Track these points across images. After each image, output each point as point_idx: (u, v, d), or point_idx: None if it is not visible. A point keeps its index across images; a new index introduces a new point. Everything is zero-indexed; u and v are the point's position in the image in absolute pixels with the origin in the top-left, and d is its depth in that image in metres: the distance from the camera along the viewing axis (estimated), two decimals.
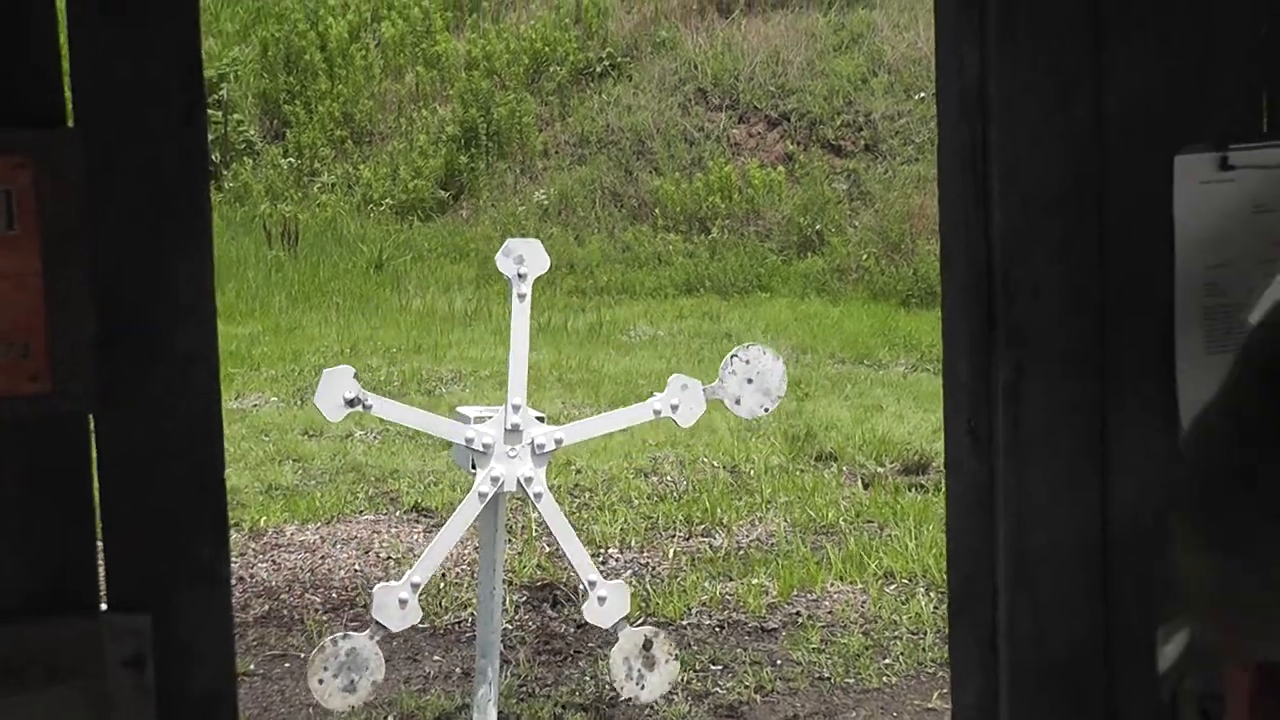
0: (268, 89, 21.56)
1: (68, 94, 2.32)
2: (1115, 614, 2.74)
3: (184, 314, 2.38)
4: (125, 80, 2.32)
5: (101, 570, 2.38)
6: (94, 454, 2.37)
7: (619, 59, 20.31)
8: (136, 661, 2.36)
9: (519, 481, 7.11)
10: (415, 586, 6.95)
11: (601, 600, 7.15)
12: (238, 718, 2.44)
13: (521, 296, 7.29)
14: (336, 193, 20.19)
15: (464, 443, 7.17)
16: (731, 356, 7.34)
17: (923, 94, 18.27)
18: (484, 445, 7.09)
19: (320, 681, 6.82)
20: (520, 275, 7.24)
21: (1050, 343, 2.71)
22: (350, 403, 6.94)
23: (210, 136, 20.05)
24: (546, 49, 20.60)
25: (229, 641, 2.42)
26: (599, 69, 20.28)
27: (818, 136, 18.67)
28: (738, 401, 7.30)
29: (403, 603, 6.89)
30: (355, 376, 7.01)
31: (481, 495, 7.11)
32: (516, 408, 7.15)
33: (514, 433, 7.11)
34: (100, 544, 2.37)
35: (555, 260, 17.87)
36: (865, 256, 17.11)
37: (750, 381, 7.28)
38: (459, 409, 7.65)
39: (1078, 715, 2.75)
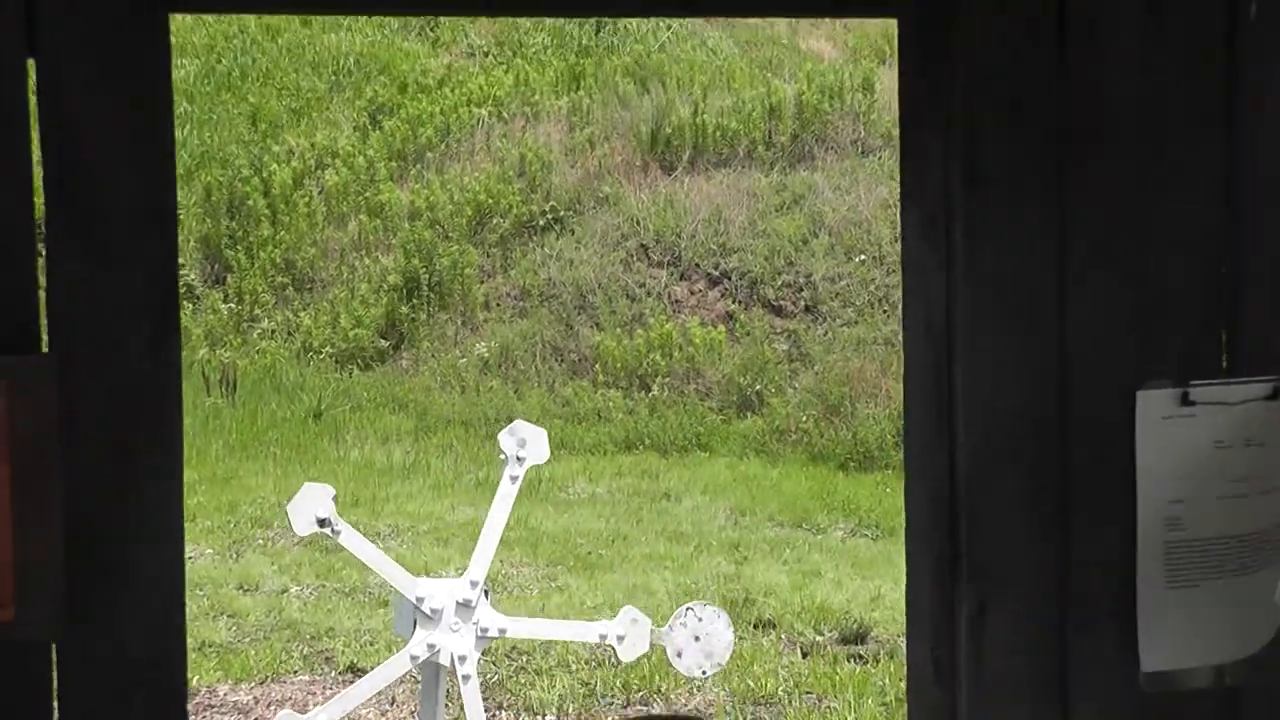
0: (210, 233, 21.57)
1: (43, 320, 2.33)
2: None
3: (152, 537, 2.37)
4: (100, 305, 2.33)
5: None
6: (54, 682, 2.35)
7: (562, 213, 20.41)
8: None
9: (453, 657, 7.08)
10: None
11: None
12: None
13: (514, 478, 7.30)
14: (276, 339, 20.15)
15: (414, 600, 7.13)
16: (686, 609, 7.40)
17: (863, 256, 18.42)
18: (431, 610, 7.06)
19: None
20: (519, 459, 7.25)
21: (1014, 576, 2.72)
22: (321, 522, 6.93)
23: None
24: (490, 200, 20.69)
25: None
26: (542, 222, 20.37)
27: (758, 296, 18.77)
28: (679, 654, 7.34)
29: None
30: (334, 499, 7.00)
31: (413, 658, 7.08)
32: (474, 584, 7.12)
33: (465, 608, 7.08)
34: None
35: (494, 414, 17.96)
36: (804, 418, 17.15)
37: (697, 640, 7.33)
38: (413, 589, 7.60)
39: None
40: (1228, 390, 2.81)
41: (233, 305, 20.78)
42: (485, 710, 10.05)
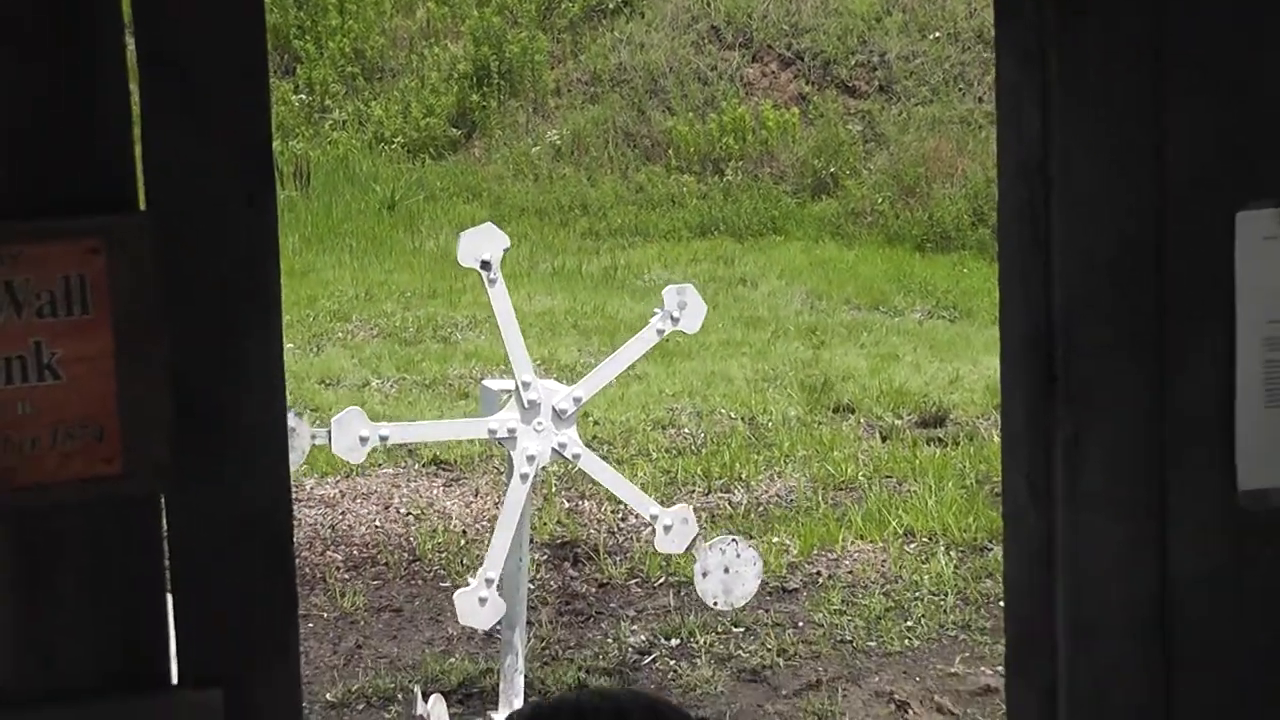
0: (277, 24, 21.47)
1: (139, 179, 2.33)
2: (1176, 678, 2.76)
3: (254, 392, 2.39)
4: (195, 165, 2.32)
5: (173, 646, 2.40)
6: (165, 532, 2.38)
7: None
8: None
9: (523, 453, 7.13)
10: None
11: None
12: None
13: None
14: (348, 130, 20.15)
15: (521, 381, 7.17)
16: (732, 540, 7.54)
17: (937, 34, 18.19)
18: (509, 431, 7.11)
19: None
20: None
21: (1110, 400, 2.71)
22: (483, 264, 6.99)
23: None
24: None
25: (298, 713, 2.44)
26: (611, 5, 20.21)
27: (832, 77, 18.61)
28: (704, 575, 7.40)
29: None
30: (506, 250, 7.05)
31: (523, 477, 7.13)
32: (526, 384, 7.14)
33: (531, 409, 7.11)
34: (171, 620, 2.39)
35: (568, 201, 17.94)
36: (879, 200, 17.08)
37: (725, 571, 7.39)
38: (485, 383, 7.66)
39: None
40: None
41: (303, 96, 20.75)
42: (569, 500, 10.18)
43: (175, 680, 2.38)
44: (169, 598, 2.39)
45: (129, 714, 2.35)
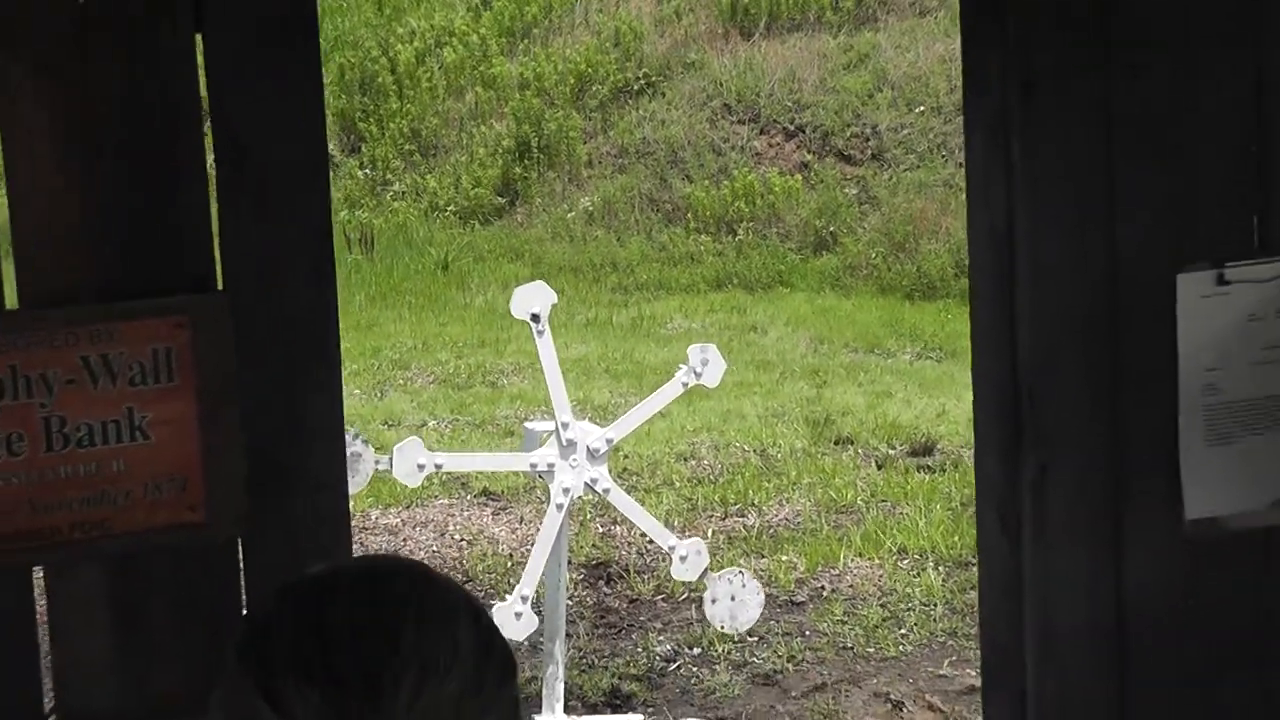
0: (345, 108, 21.55)
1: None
2: (1130, 689, 2.76)
3: (317, 450, 2.41)
4: (265, 248, 2.35)
5: None
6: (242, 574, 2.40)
7: (653, 78, 20.24)
8: None
9: (586, 485, 7.15)
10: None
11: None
12: None
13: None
14: (406, 200, 20.18)
15: (561, 423, 7.18)
16: (739, 572, 7.50)
17: (922, 107, 18.20)
18: (548, 465, 7.12)
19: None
20: (534, 316, 7.25)
21: (1071, 444, 2.72)
22: (534, 317, 7.02)
23: None
24: (589, 70, 20.54)
25: None
26: (636, 87, 20.22)
27: (830, 146, 18.60)
28: (714, 601, 7.37)
29: (420, 467, 6.99)
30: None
31: (559, 506, 7.13)
32: (565, 425, 7.16)
33: (569, 446, 7.13)
34: None
35: (600, 260, 17.97)
36: (873, 255, 17.05)
37: (732, 599, 7.38)
38: (527, 425, 7.65)
39: None
40: (1259, 269, 2.79)
41: (367, 171, 20.80)
42: (602, 525, 10.17)
43: None
44: None
45: None
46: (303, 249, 2.35)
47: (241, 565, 2.40)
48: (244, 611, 2.38)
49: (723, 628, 7.49)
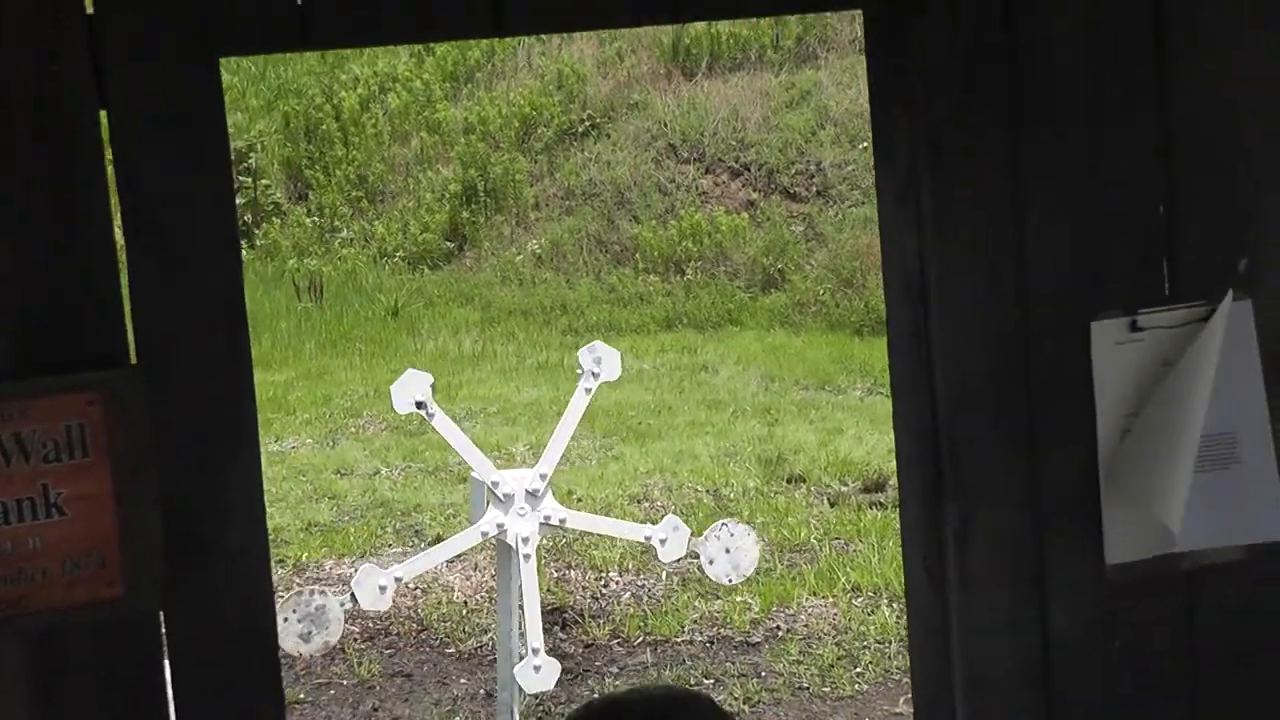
0: (290, 156, 21.56)
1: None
2: None
3: (235, 517, 2.41)
4: (176, 321, 2.35)
5: None
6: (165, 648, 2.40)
7: (598, 119, 20.31)
8: None
9: (517, 538, 7.12)
10: (397, 580, 6.96)
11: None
12: None
13: (588, 390, 7.29)
14: (355, 247, 20.18)
15: (490, 483, 7.16)
16: (721, 524, 7.40)
17: (865, 144, 18.27)
18: (504, 495, 7.10)
19: (284, 620, 6.70)
20: (594, 374, 7.25)
21: (990, 493, 2.74)
22: (418, 404, 6.93)
23: (241, 200, 20.04)
24: (534, 113, 20.60)
25: None
26: (580, 129, 20.28)
27: (775, 184, 18.68)
28: (711, 562, 7.34)
29: (381, 589, 6.89)
30: (432, 385, 7.00)
31: (484, 534, 7.13)
32: (543, 476, 7.15)
33: (533, 496, 7.12)
34: None
35: (549, 302, 17.99)
36: (822, 291, 17.12)
37: (727, 552, 7.34)
38: (473, 474, 7.62)
39: None
40: (1170, 315, 2.82)
41: (315, 219, 20.80)
42: (557, 570, 10.16)
43: None
44: (171, 703, 2.40)
45: None
46: (216, 322, 2.36)
47: (165, 638, 2.39)
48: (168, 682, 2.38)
49: (730, 580, 7.43)
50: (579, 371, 7.39)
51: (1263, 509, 2.88)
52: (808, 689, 8.34)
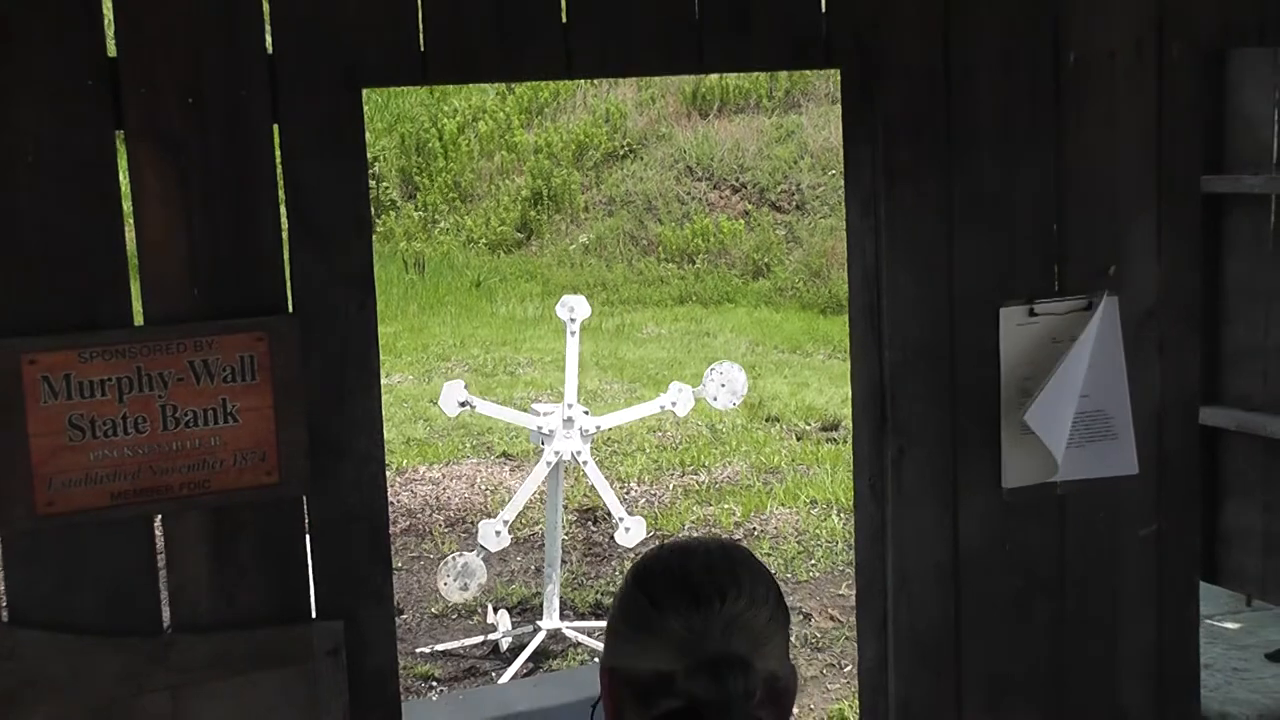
0: (404, 166, 21.50)
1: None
2: (961, 609, 2.79)
3: (360, 430, 2.42)
4: (323, 284, 2.37)
5: (313, 594, 2.43)
6: (306, 521, 2.42)
7: (634, 146, 20.21)
8: (334, 651, 2.42)
9: (572, 454, 7.14)
10: (506, 523, 6.99)
11: (627, 530, 7.21)
12: (398, 684, 2.49)
13: (573, 334, 7.28)
14: (449, 235, 20.14)
15: (536, 429, 7.18)
16: (712, 368, 7.33)
17: (833, 170, 18.20)
18: (549, 431, 7.12)
19: (445, 584, 6.86)
20: (571, 319, 7.24)
21: (921, 433, 2.75)
22: (462, 404, 6.94)
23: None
24: (586, 139, 20.51)
25: (392, 639, 2.47)
26: (621, 153, 20.20)
27: (765, 199, 18.59)
28: (715, 399, 7.29)
29: (498, 533, 6.92)
30: (465, 387, 7.01)
31: (548, 464, 7.13)
32: (570, 406, 7.16)
33: (569, 423, 7.13)
34: (311, 578, 2.42)
35: (593, 281, 17.95)
36: (797, 280, 17.07)
37: (723, 385, 7.30)
38: (534, 405, 7.63)
39: (936, 672, 2.80)
40: (1059, 304, 2.83)
41: (421, 212, 20.76)
42: (589, 479, 10.16)
43: (314, 614, 2.42)
44: (309, 563, 2.43)
45: (282, 637, 2.38)
46: (351, 286, 2.37)
47: (306, 515, 2.42)
48: (308, 547, 2.40)
49: (732, 404, 7.33)
50: (564, 322, 7.33)
51: (1119, 455, 2.89)
52: (775, 573, 8.34)
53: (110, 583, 2.28)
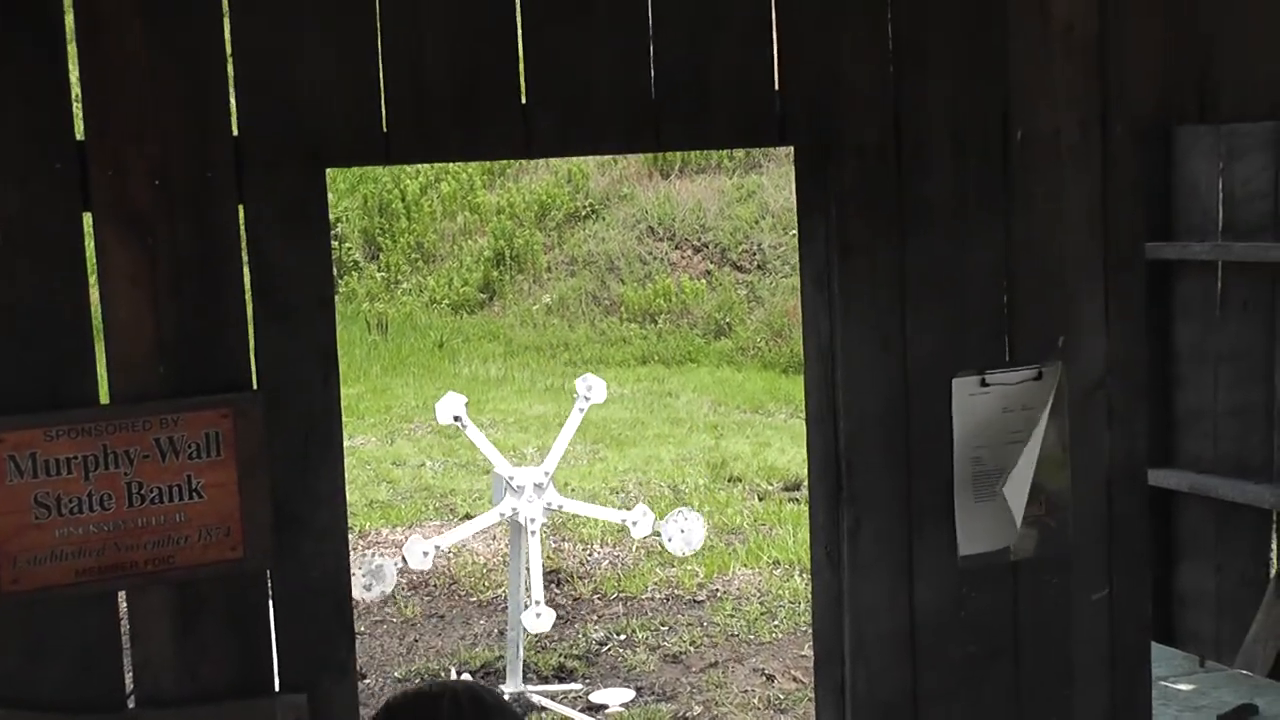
0: (367, 226, 21.53)
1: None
2: (919, 676, 2.82)
3: (322, 504, 2.45)
4: (288, 360, 2.40)
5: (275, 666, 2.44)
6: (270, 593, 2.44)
7: (596, 206, 20.32)
8: None
9: (526, 518, 7.14)
10: (437, 548, 6.97)
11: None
12: None
13: (580, 410, 7.30)
14: (412, 295, 20.16)
15: (508, 477, 7.17)
16: (678, 511, 7.41)
17: (794, 231, 18.34)
18: (518, 486, 7.12)
19: (351, 576, 6.81)
20: (586, 398, 7.27)
21: (876, 502, 2.79)
22: (455, 418, 6.95)
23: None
24: (549, 199, 20.62)
25: (355, 710, 2.48)
26: (583, 213, 20.31)
27: (727, 259, 18.72)
28: (670, 540, 7.35)
29: (425, 554, 6.89)
30: (465, 404, 7.01)
31: (501, 515, 7.14)
32: (546, 474, 7.18)
33: (539, 488, 7.14)
34: (275, 651, 2.44)
35: (555, 341, 18.00)
36: (759, 339, 17.15)
37: (682, 532, 7.35)
38: (495, 470, 7.61)
39: None
40: (1010, 375, 2.88)
41: (383, 273, 20.77)
42: (554, 542, 10.16)
43: (277, 688, 2.43)
44: (273, 636, 2.44)
45: (246, 710, 2.40)
46: (314, 360, 2.41)
47: (270, 589, 2.44)
48: (271, 621, 2.42)
49: (684, 553, 7.43)
50: (575, 395, 7.42)
51: (1060, 527, 2.94)
52: (738, 635, 8.36)
53: (75, 658, 2.29)
